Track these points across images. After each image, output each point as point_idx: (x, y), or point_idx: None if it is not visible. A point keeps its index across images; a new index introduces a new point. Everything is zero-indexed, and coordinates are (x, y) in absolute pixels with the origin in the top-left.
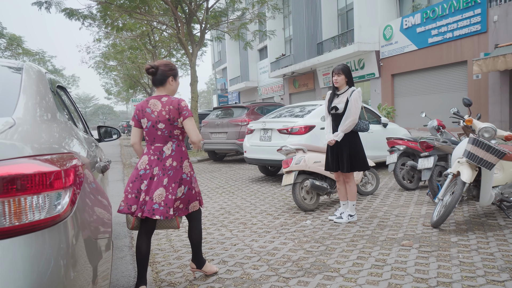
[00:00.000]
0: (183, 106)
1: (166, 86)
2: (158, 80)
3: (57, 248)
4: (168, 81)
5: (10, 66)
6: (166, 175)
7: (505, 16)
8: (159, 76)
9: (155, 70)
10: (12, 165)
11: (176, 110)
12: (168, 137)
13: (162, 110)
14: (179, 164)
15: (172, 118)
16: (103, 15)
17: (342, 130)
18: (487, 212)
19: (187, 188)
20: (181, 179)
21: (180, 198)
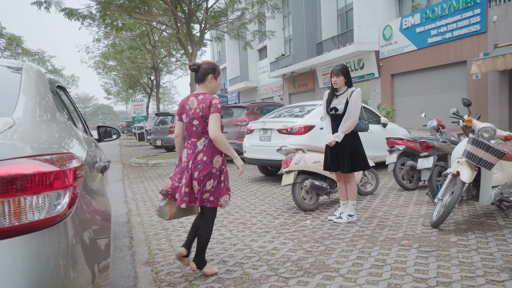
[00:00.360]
0: (213, 103)
1: (206, 83)
2: (199, 77)
3: (57, 248)
4: (208, 79)
5: (10, 66)
6: (197, 169)
7: (505, 16)
8: (200, 73)
9: (197, 68)
10: (12, 165)
11: (207, 108)
12: (201, 133)
13: (197, 107)
14: (210, 159)
15: (204, 115)
16: (103, 15)
17: (343, 131)
18: (487, 212)
19: (216, 182)
20: (210, 173)
21: (210, 191)
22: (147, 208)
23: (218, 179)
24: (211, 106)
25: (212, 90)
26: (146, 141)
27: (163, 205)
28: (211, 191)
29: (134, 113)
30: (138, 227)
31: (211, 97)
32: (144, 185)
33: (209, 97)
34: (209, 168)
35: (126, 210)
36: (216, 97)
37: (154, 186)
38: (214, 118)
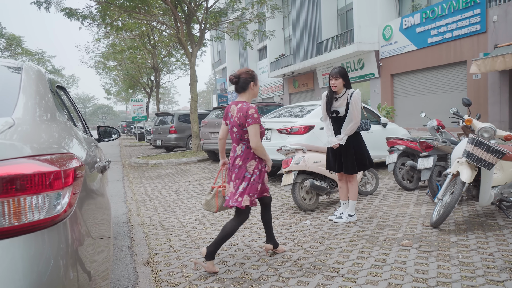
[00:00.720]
0: (249, 114)
1: (248, 91)
2: (241, 87)
3: (57, 248)
4: (250, 87)
5: (10, 66)
6: (233, 172)
7: (505, 16)
8: (241, 83)
9: (238, 79)
10: (12, 165)
11: (244, 117)
12: (239, 140)
13: (236, 116)
14: (244, 164)
15: (241, 124)
16: (103, 15)
17: (346, 134)
18: (487, 212)
19: (246, 184)
20: (243, 176)
21: (241, 192)
22: (147, 208)
23: (249, 181)
24: (248, 117)
25: (254, 95)
26: (146, 141)
27: (209, 198)
28: (241, 192)
29: (134, 113)
30: (138, 227)
31: (248, 106)
32: (144, 185)
33: (246, 107)
34: (243, 172)
35: (126, 210)
36: (253, 106)
37: (154, 186)
38: (253, 130)
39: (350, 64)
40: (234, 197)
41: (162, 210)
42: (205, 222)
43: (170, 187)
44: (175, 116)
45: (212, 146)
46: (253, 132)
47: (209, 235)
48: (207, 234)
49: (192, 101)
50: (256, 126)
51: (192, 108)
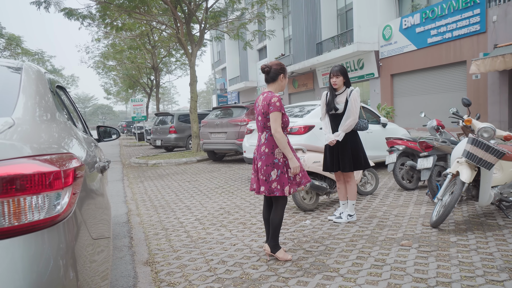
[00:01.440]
0: (272, 102)
1: (277, 82)
2: (271, 78)
3: (57, 248)
4: (279, 78)
5: (10, 66)
6: (260, 159)
7: (504, 16)
8: (272, 74)
9: (269, 69)
10: (12, 165)
11: (267, 105)
12: (263, 128)
13: (261, 105)
14: (271, 150)
15: (265, 112)
16: (102, 14)
17: (343, 130)
18: (486, 212)
19: (279, 172)
20: (272, 163)
21: (276, 180)
22: (147, 208)
23: (281, 169)
24: (270, 105)
25: (282, 87)
26: (146, 141)
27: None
28: (277, 180)
29: (133, 113)
30: (137, 227)
31: (272, 95)
32: (144, 185)
33: (270, 95)
34: (271, 158)
35: (126, 210)
36: (276, 95)
37: (154, 186)
38: (273, 117)
39: (350, 64)
40: (269, 185)
41: (161, 210)
42: (204, 222)
43: (170, 187)
44: (175, 116)
45: (212, 146)
46: (273, 118)
47: (209, 235)
48: (207, 234)
49: (191, 101)
50: (277, 113)
51: (192, 108)
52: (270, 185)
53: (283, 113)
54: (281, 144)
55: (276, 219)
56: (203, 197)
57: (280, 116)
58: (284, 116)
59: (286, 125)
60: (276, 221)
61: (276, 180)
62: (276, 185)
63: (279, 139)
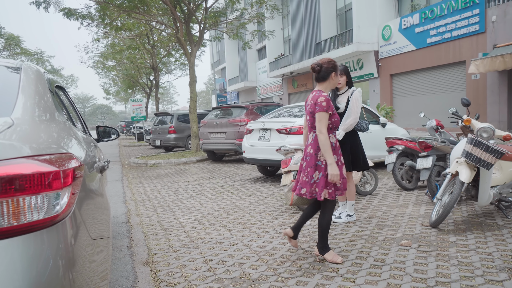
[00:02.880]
0: (318, 102)
1: (328, 80)
2: (322, 77)
3: (56, 248)
4: (330, 77)
5: (9, 66)
6: (305, 160)
7: (504, 17)
8: (322, 72)
9: (320, 68)
10: (11, 165)
11: (314, 105)
12: (311, 128)
13: (309, 104)
14: (315, 151)
15: (312, 112)
16: (102, 14)
17: (344, 129)
18: (486, 212)
19: (321, 174)
20: (315, 165)
21: (316, 182)
22: (146, 208)
23: (323, 172)
24: (317, 104)
25: (332, 86)
26: (145, 141)
27: (286, 191)
28: (317, 182)
29: (133, 113)
30: (137, 227)
31: (319, 94)
32: (143, 185)
33: (318, 95)
34: (314, 160)
35: (125, 210)
36: (324, 95)
37: (153, 186)
38: (318, 117)
39: (349, 64)
40: (311, 187)
41: (161, 210)
42: (204, 222)
43: (169, 187)
44: (174, 116)
45: (211, 146)
46: (318, 118)
47: (208, 235)
48: (206, 234)
49: (191, 101)
50: (322, 114)
51: (191, 108)
52: (311, 187)
53: (332, 113)
54: (323, 146)
55: (324, 222)
56: (203, 197)
57: (326, 116)
58: (334, 116)
59: (335, 125)
60: (324, 224)
61: (317, 182)
62: (315, 187)
63: (322, 141)
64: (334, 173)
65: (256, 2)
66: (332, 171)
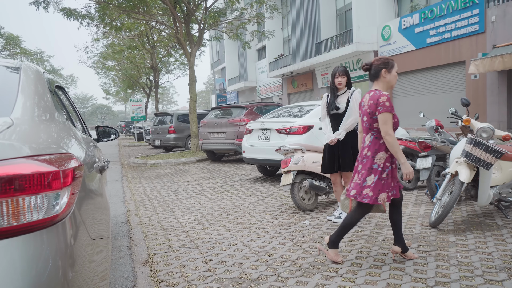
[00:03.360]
0: (380, 102)
1: (380, 79)
2: (372, 75)
3: (56, 248)
4: (381, 74)
5: (8, 66)
6: (361, 163)
7: (503, 17)
8: (373, 71)
9: (370, 67)
10: (10, 165)
11: (375, 105)
12: (368, 129)
13: (367, 104)
14: (373, 154)
15: (371, 112)
16: (102, 14)
17: (344, 129)
18: (485, 212)
19: (376, 178)
20: (371, 168)
21: (370, 186)
22: (146, 208)
23: (379, 175)
24: (379, 105)
25: (388, 84)
26: (145, 141)
27: (343, 198)
28: (371, 186)
29: (133, 113)
30: (136, 227)
31: (380, 94)
32: (143, 185)
33: (377, 94)
34: (370, 163)
35: (125, 210)
36: (385, 94)
37: (153, 186)
38: (383, 118)
39: (349, 64)
40: (361, 190)
41: (161, 210)
42: (204, 222)
43: (169, 187)
44: (174, 116)
45: (211, 146)
46: (383, 120)
47: (208, 235)
48: (206, 234)
49: (191, 101)
50: (387, 114)
51: (191, 108)
52: (362, 190)
53: (393, 113)
54: (393, 147)
55: (348, 219)
56: (202, 197)
57: (391, 117)
58: (394, 117)
59: (396, 126)
60: (348, 220)
61: (371, 186)
62: (369, 192)
63: (390, 143)
64: (409, 171)
65: (256, 2)
66: (406, 169)
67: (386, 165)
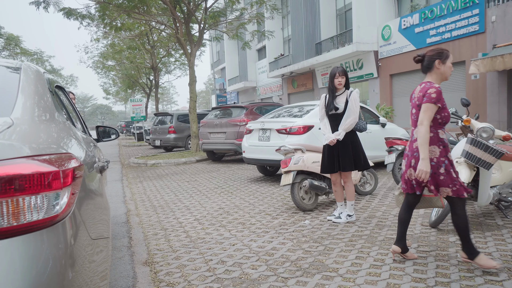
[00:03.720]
0: (427, 93)
1: (433, 70)
2: (425, 66)
3: (56, 248)
4: (434, 65)
5: (8, 66)
6: (412, 157)
7: (503, 17)
8: (426, 62)
9: (422, 58)
10: (10, 165)
11: (422, 97)
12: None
13: (416, 97)
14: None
15: (419, 104)
16: (102, 14)
17: (344, 129)
18: (485, 212)
19: (431, 172)
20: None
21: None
22: (146, 208)
23: (435, 169)
24: (425, 96)
25: (442, 75)
26: (145, 141)
27: (397, 194)
28: (429, 180)
29: (133, 113)
30: (137, 227)
31: (430, 85)
32: (143, 185)
33: (428, 86)
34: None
35: (125, 210)
36: (435, 86)
37: (153, 186)
38: (424, 108)
39: (349, 64)
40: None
41: (161, 210)
42: (204, 222)
43: (169, 187)
44: (174, 116)
45: (211, 146)
46: (423, 109)
47: (208, 235)
48: (206, 234)
49: (191, 101)
50: (429, 105)
51: (191, 108)
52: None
53: (442, 106)
54: (421, 138)
55: (459, 222)
56: (202, 197)
57: (432, 109)
58: (444, 110)
59: (445, 121)
60: (460, 224)
61: (429, 181)
62: (429, 186)
63: (421, 132)
64: (424, 169)
65: (256, 2)
66: (422, 167)
67: (440, 159)
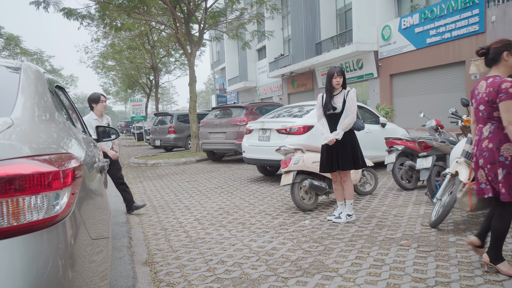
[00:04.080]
0: (502, 88)
1: (500, 63)
2: (491, 59)
3: (56, 248)
4: (502, 58)
5: (8, 66)
6: (481, 156)
7: (503, 17)
8: (491, 54)
9: (486, 51)
10: (10, 165)
11: (495, 92)
12: (487, 119)
13: (484, 92)
14: (496, 146)
15: (490, 100)
16: (102, 14)
17: (342, 128)
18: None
19: (505, 172)
20: (497, 161)
21: (500, 181)
22: (146, 208)
23: (508, 169)
24: (500, 92)
25: (511, 68)
26: (145, 141)
27: (460, 196)
28: (502, 181)
29: (133, 113)
30: (137, 227)
31: (501, 80)
32: (143, 185)
33: (498, 80)
34: (496, 156)
35: (125, 210)
36: (508, 80)
37: (153, 186)
38: (506, 106)
39: (349, 64)
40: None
41: (161, 210)
42: (204, 222)
43: (169, 187)
44: (174, 116)
45: (211, 146)
46: (506, 108)
47: (208, 235)
48: (206, 234)
49: (191, 101)
50: (510, 102)
51: (191, 108)
52: (494, 185)
53: None
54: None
55: (499, 226)
56: (202, 197)
57: None
58: None
59: None
60: (499, 228)
61: (501, 181)
62: (500, 188)
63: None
64: None
65: (256, 2)
66: None
67: None
